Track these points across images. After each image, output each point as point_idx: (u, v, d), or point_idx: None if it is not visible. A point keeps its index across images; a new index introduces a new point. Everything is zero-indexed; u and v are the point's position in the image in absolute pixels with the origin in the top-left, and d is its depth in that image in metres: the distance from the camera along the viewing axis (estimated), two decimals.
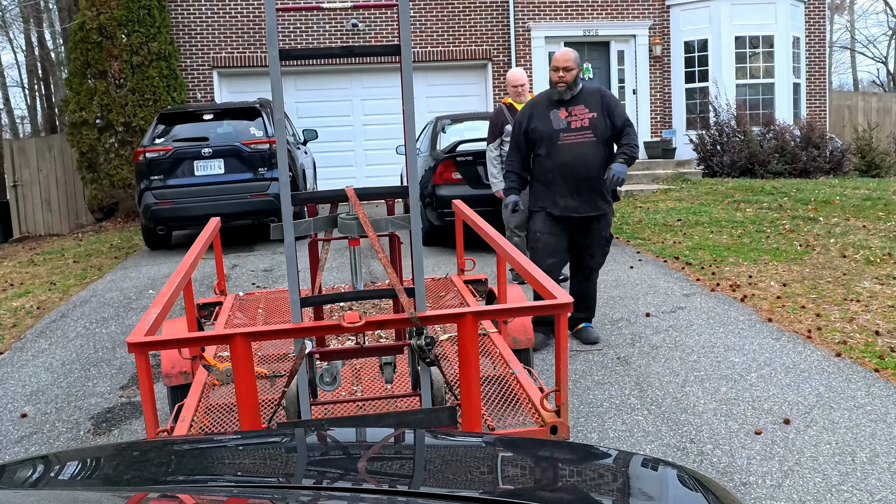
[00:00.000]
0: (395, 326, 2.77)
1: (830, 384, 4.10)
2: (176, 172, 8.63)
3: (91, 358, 5.25)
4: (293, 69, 13.26)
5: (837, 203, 9.16)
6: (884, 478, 3.12)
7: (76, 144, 12.26)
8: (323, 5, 2.73)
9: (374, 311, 4.27)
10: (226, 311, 4.23)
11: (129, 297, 6.77)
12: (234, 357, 2.37)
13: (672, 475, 1.51)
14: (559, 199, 4.65)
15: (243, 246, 9.14)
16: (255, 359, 3.50)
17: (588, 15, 13.91)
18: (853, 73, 31.94)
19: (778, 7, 13.70)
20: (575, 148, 4.58)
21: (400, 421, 2.60)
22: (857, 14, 30.51)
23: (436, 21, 13.62)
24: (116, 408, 4.37)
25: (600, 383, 4.28)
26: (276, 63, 2.41)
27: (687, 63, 14.03)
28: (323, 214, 2.79)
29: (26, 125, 27.91)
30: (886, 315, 5.08)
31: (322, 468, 1.54)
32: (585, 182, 4.60)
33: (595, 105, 4.62)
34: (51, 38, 21.34)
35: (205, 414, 3.07)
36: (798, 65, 14.30)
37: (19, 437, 4.06)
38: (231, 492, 1.34)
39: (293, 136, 10.12)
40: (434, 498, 1.29)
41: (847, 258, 6.60)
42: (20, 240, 14.05)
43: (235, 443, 1.76)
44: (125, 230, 11.80)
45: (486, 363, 3.47)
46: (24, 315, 6.58)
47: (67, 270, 8.58)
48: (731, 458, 3.36)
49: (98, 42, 11.89)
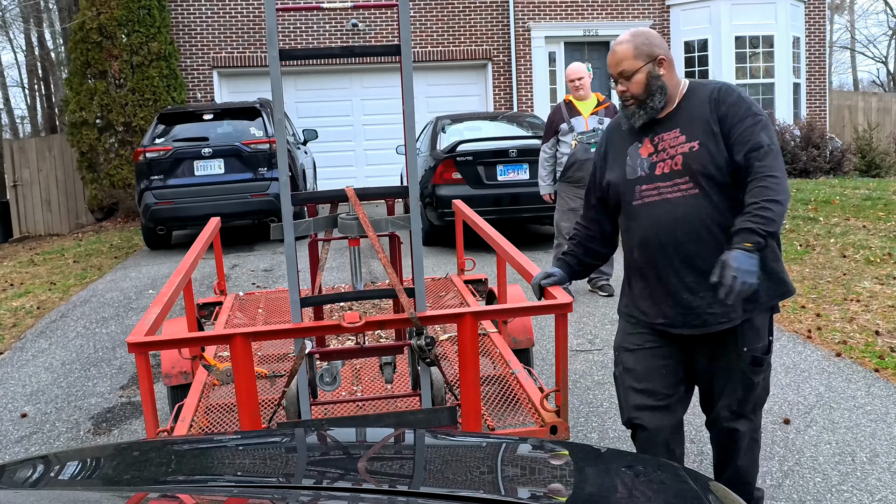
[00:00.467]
0: (395, 326, 2.77)
1: (830, 384, 4.10)
2: (176, 172, 8.63)
3: (91, 358, 5.25)
4: (293, 69, 13.25)
5: (837, 203, 9.16)
6: (884, 478, 3.12)
7: (76, 144, 12.26)
8: (323, 5, 2.73)
9: (374, 311, 4.27)
10: (226, 311, 4.22)
11: (129, 297, 6.76)
12: (234, 357, 2.37)
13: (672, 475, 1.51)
14: (645, 304, 2.59)
15: (243, 246, 9.14)
16: (255, 359, 3.50)
17: (588, 15, 13.91)
18: (853, 73, 31.95)
19: (778, 7, 13.70)
20: (661, 211, 2.48)
21: (400, 421, 2.60)
22: (857, 14, 30.52)
23: (436, 21, 13.62)
24: (116, 408, 4.37)
25: (600, 383, 4.28)
26: (276, 63, 2.41)
27: (687, 63, 14.03)
28: (323, 214, 2.79)
29: (26, 125, 27.90)
30: (886, 315, 5.08)
31: (322, 468, 1.54)
32: (689, 270, 2.47)
33: (699, 123, 2.45)
34: (51, 38, 21.34)
35: (205, 414, 3.07)
36: (798, 65, 14.30)
37: (19, 437, 4.06)
38: (231, 492, 1.34)
39: (293, 136, 10.12)
40: (434, 498, 1.29)
41: (847, 258, 6.60)
42: (20, 240, 14.05)
43: (235, 443, 1.76)
44: (125, 230, 11.80)
45: (486, 363, 3.47)
46: (24, 315, 6.58)
47: (67, 270, 8.58)
48: None
49: (98, 42, 11.88)
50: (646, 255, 2.53)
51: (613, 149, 2.66)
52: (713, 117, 2.42)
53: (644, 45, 2.46)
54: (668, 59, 2.48)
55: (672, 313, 2.50)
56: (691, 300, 2.46)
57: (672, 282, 2.48)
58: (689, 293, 2.46)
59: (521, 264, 3.11)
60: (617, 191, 2.59)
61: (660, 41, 2.51)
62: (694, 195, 2.42)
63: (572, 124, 5.94)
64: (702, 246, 2.42)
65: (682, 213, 2.43)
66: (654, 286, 2.54)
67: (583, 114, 5.99)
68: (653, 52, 2.46)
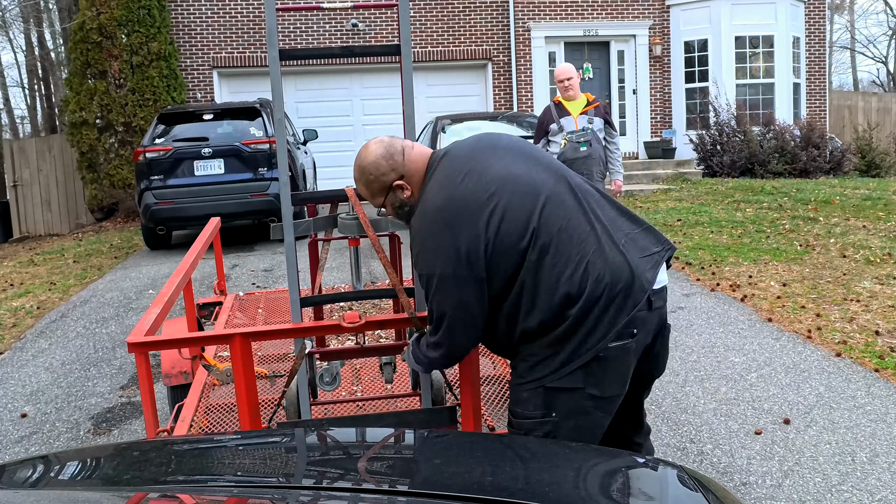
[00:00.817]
0: (395, 326, 2.77)
1: (830, 384, 4.10)
2: (176, 172, 8.64)
3: (91, 358, 5.25)
4: (293, 69, 13.25)
5: (837, 203, 9.16)
6: (884, 478, 3.12)
7: (76, 144, 12.26)
8: (323, 5, 2.73)
9: (374, 311, 4.27)
10: (226, 311, 4.23)
11: (129, 297, 6.77)
12: (234, 357, 2.37)
13: (672, 475, 1.51)
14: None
15: (243, 246, 9.14)
16: (255, 359, 3.50)
17: (588, 15, 13.91)
18: (853, 73, 31.96)
19: (778, 7, 13.70)
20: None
21: (400, 421, 2.60)
22: (857, 14, 30.53)
23: (436, 21, 13.62)
24: (116, 408, 4.37)
25: None
26: (276, 63, 2.41)
27: (687, 63, 14.03)
28: (323, 214, 2.79)
29: (26, 125, 27.91)
30: (886, 315, 5.08)
31: (322, 468, 1.54)
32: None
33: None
34: (51, 38, 21.34)
35: (205, 414, 3.07)
36: (798, 65, 14.30)
37: (19, 437, 4.06)
38: (231, 492, 1.34)
39: (293, 136, 10.12)
40: (434, 498, 1.29)
41: (847, 258, 6.60)
42: (20, 240, 14.05)
43: (235, 443, 1.76)
44: (125, 230, 11.80)
45: (486, 363, 3.47)
46: (24, 315, 6.58)
47: (67, 270, 8.58)
48: (731, 458, 3.36)
49: (98, 42, 11.88)
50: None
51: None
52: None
53: (374, 182, 2.19)
54: (405, 174, 2.17)
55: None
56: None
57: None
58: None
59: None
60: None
61: (388, 164, 2.17)
62: None
63: (562, 124, 5.99)
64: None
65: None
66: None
67: (572, 113, 6.04)
68: (386, 182, 2.18)
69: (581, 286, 2.00)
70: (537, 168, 2.14)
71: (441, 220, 2.04)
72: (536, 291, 2.03)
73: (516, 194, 2.05)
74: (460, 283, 2.02)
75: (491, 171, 2.08)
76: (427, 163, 2.18)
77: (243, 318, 4.22)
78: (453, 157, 2.16)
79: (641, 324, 2.07)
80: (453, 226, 2.02)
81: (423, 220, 2.08)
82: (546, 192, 2.08)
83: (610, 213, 2.16)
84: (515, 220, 2.02)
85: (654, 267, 2.11)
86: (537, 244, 2.02)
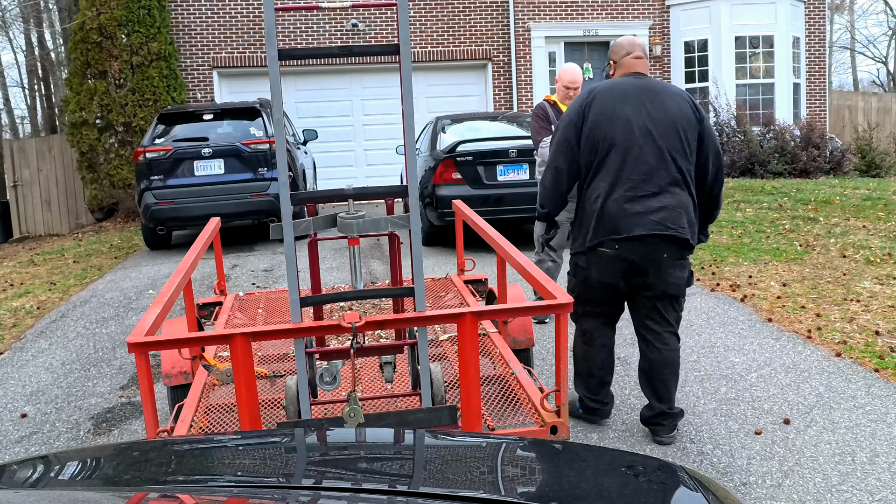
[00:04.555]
0: (395, 326, 2.77)
1: (830, 384, 4.10)
2: (176, 172, 8.63)
3: (91, 358, 5.25)
4: (293, 69, 13.25)
5: (837, 203, 9.16)
6: (884, 478, 3.12)
7: (76, 144, 12.26)
8: (322, 5, 2.73)
9: (374, 311, 4.27)
10: (226, 311, 4.23)
11: (129, 297, 6.76)
12: (234, 357, 2.37)
13: (672, 475, 1.51)
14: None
15: (243, 246, 9.14)
16: (255, 359, 3.50)
17: (588, 15, 13.91)
18: (853, 73, 31.94)
19: (778, 7, 13.69)
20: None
21: (400, 421, 2.60)
22: (857, 14, 30.51)
23: (436, 21, 13.62)
24: (116, 408, 4.37)
25: None
26: (276, 63, 2.41)
27: (687, 63, 14.03)
28: (323, 214, 2.79)
29: (26, 125, 27.90)
30: (886, 315, 5.08)
31: (322, 468, 1.54)
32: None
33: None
34: (51, 38, 21.33)
35: (205, 414, 3.07)
36: (798, 65, 14.30)
37: (19, 437, 4.06)
38: (231, 492, 1.34)
39: (293, 136, 10.12)
40: (434, 498, 1.29)
41: (847, 258, 6.60)
42: (20, 240, 14.05)
43: (235, 443, 1.76)
44: (125, 230, 11.80)
45: (486, 363, 3.47)
46: (24, 315, 6.58)
47: (67, 270, 8.58)
48: (731, 458, 3.36)
49: (98, 42, 11.88)
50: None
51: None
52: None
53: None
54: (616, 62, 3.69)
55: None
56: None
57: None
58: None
59: (521, 264, 3.11)
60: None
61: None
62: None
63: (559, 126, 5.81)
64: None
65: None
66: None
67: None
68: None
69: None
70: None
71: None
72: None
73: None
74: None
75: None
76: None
77: (243, 319, 4.22)
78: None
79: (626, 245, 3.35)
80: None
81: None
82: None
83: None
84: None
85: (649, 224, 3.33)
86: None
